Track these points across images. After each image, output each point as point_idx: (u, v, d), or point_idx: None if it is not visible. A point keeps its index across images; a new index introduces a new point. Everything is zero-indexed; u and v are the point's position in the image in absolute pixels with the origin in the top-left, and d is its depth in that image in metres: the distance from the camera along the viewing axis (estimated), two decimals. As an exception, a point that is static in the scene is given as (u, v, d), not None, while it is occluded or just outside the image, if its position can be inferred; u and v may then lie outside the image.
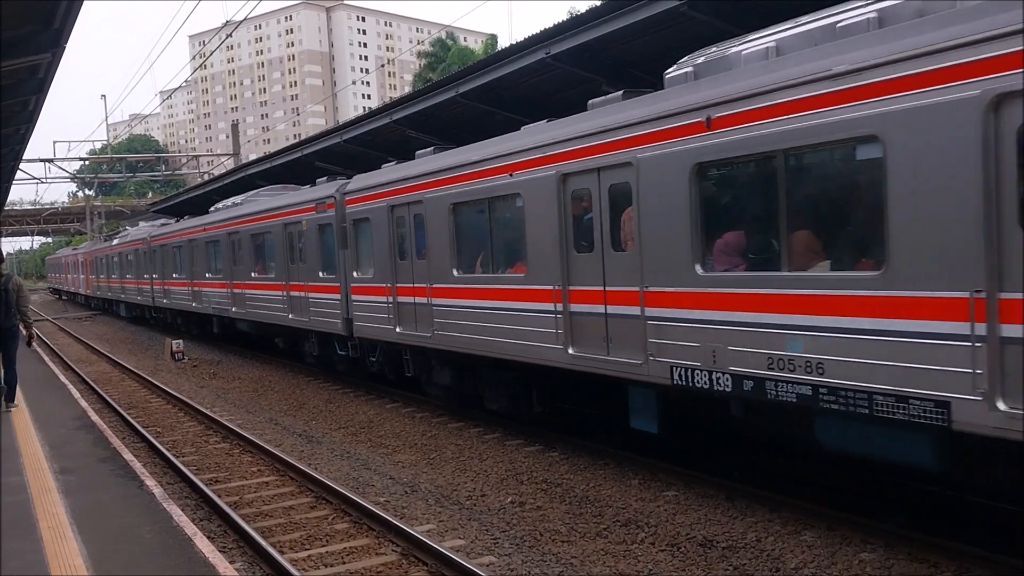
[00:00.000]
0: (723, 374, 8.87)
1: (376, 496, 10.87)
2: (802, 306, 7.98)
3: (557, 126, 11.41)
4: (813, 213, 8.29)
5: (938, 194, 6.80)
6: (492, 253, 13.03)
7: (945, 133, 6.72)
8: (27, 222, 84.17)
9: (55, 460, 11.85)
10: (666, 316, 9.56)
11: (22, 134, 22.19)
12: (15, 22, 12.11)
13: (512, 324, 12.24)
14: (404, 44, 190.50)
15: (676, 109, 9.22)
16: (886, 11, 7.70)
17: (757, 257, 8.71)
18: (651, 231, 9.65)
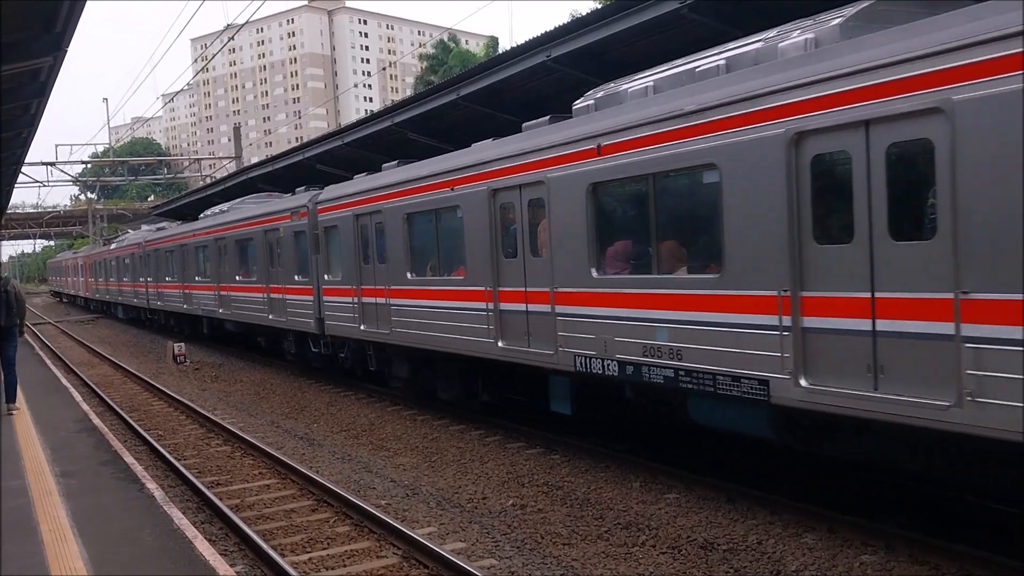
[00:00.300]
0: (612, 361, 10.59)
1: (377, 499, 10.87)
2: (666, 303, 9.74)
3: (489, 147, 13.12)
4: (676, 227, 10.13)
5: (757, 213, 8.44)
6: (439, 258, 14.62)
7: (761, 163, 8.34)
8: (29, 225, 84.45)
9: (56, 463, 11.86)
10: (570, 313, 11.27)
11: (24, 137, 22.21)
12: (16, 25, 12.13)
13: (455, 321, 13.82)
14: (406, 47, 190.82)
15: (576, 137, 10.97)
16: (732, 59, 9.39)
17: (637, 262, 10.51)
18: (559, 240, 11.38)
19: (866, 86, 7.30)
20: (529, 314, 12.04)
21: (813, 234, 7.98)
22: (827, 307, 7.88)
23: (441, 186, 13.93)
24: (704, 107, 8.92)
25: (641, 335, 10.05)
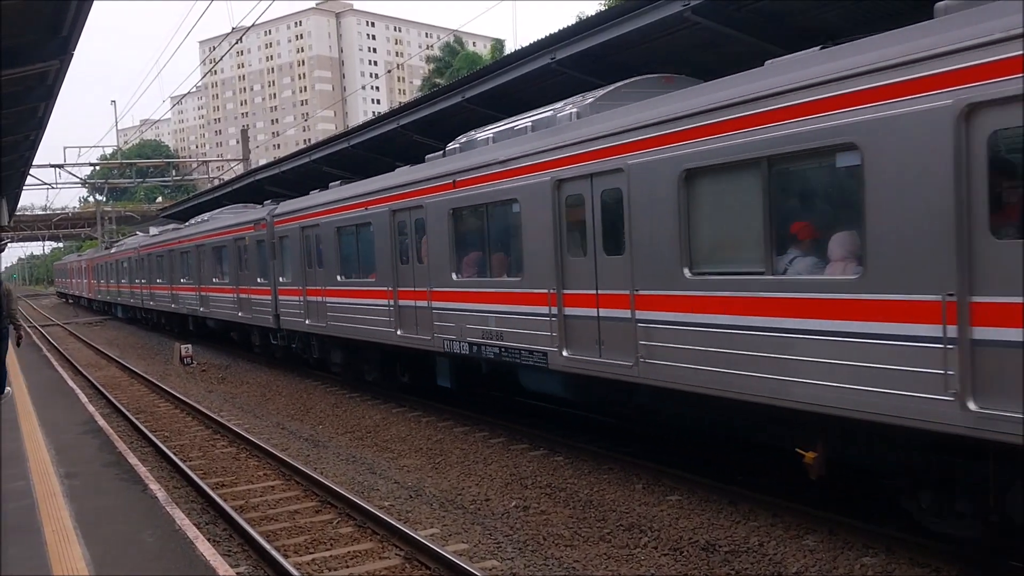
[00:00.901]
0: (464, 343, 13.59)
1: (381, 500, 10.90)
2: (494, 299, 12.88)
3: (391, 177, 16.18)
4: (501, 243, 12.99)
5: (537, 231, 11.71)
6: (359, 263, 17.46)
7: (540, 200, 11.59)
8: (38, 227, 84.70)
9: (61, 464, 11.92)
10: (439, 307, 14.26)
11: (32, 140, 22.34)
12: (23, 29, 12.22)
13: (369, 315, 16.81)
14: (413, 49, 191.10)
15: (440, 173, 14.07)
16: (536, 120, 12.53)
17: (480, 268, 13.49)
18: (433, 250, 14.33)
19: (594, 150, 10.62)
20: (416, 308, 15.01)
21: (565, 249, 11.35)
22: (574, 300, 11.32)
23: (359, 206, 17.07)
24: (508, 157, 12.29)
25: (480, 323, 13.22)
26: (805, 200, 8.63)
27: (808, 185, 8.59)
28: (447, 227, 13.84)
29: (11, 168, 26.59)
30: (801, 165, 8.24)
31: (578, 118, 11.52)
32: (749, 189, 8.57)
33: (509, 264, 12.80)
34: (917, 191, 6.95)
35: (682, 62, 13.18)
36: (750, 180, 8.55)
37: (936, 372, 6.90)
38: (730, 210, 8.96)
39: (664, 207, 9.52)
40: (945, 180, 6.71)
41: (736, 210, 8.86)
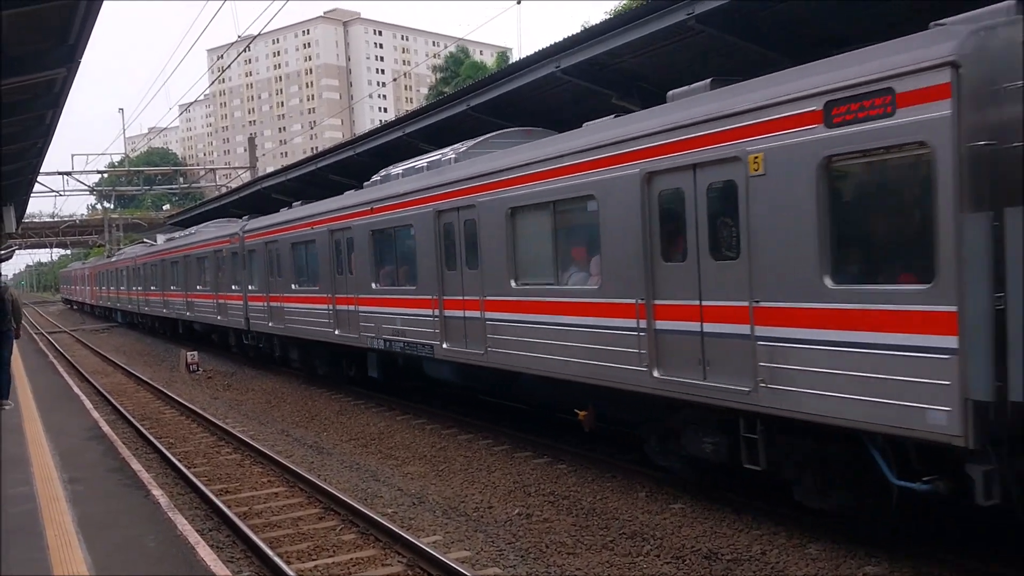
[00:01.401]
0: (381, 340, 16.55)
1: (384, 507, 10.90)
2: (400, 304, 15.80)
3: (330, 202, 19.39)
4: (404, 259, 15.94)
5: (427, 249, 14.62)
6: (307, 274, 20.70)
7: (427, 226, 14.51)
8: (45, 234, 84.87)
9: (64, 469, 11.94)
10: (363, 311, 17.35)
11: (39, 147, 22.40)
12: (30, 37, 12.27)
13: (315, 318, 20.01)
14: (420, 57, 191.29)
15: (363, 200, 17.18)
16: (431, 161, 15.50)
17: (391, 279, 16.48)
18: (359, 264, 17.41)
19: (457, 190, 13.67)
20: (348, 312, 18.10)
21: (467, 263, 13.64)
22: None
23: (307, 225, 20.16)
24: (405, 191, 15.33)
25: (391, 323, 16.09)
26: (575, 233, 11.64)
27: (576, 222, 11.51)
28: (368, 245, 16.99)
29: (19, 175, 26.67)
30: (572, 208, 11.40)
31: (455, 163, 14.56)
32: (545, 223, 11.84)
33: (410, 275, 15.66)
34: (625, 229, 10.16)
35: (688, 70, 13.19)
36: (546, 217, 11.80)
37: (637, 351, 10.12)
38: (536, 238, 12.16)
39: (501, 233, 12.61)
40: (637, 222, 9.89)
41: (539, 238, 12.06)
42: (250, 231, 24.45)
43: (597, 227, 10.68)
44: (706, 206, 9.07)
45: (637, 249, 10.00)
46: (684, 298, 9.46)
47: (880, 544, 8.48)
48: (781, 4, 11.12)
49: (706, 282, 9.16)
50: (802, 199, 7.92)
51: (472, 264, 13.42)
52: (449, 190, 13.91)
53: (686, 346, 9.44)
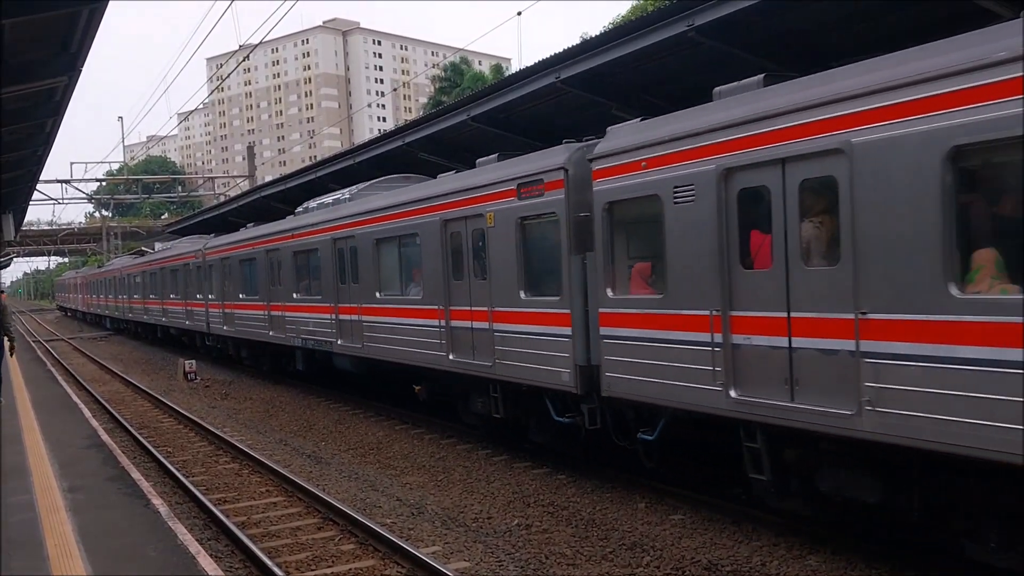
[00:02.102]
0: (300, 338, 21.03)
1: (383, 517, 10.88)
2: (310, 310, 20.22)
3: (267, 227, 23.96)
4: (315, 274, 19.98)
5: (325, 269, 19.17)
6: (250, 286, 24.95)
7: (327, 251, 18.93)
8: (44, 242, 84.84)
9: (64, 479, 11.93)
10: (288, 316, 21.72)
11: (39, 155, 22.43)
12: (31, 45, 12.30)
13: (255, 321, 24.37)
14: (419, 67, 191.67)
15: (288, 227, 21.68)
16: (337, 198, 19.54)
17: (308, 290, 20.68)
18: (284, 278, 22.04)
19: (343, 224, 18.27)
20: (280, 317, 22.32)
21: (340, 279, 18.49)
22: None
23: (250, 246, 24.60)
24: (307, 223, 20.48)
25: (306, 325, 20.51)
26: (412, 259, 15.70)
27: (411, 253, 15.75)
28: (291, 263, 21.46)
29: (18, 183, 26.69)
30: (409, 243, 15.70)
31: (349, 201, 18.71)
32: (395, 250, 16.29)
33: (319, 288, 19.84)
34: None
35: (688, 82, 13.23)
36: (395, 245, 16.29)
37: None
38: (395, 264, 16.35)
39: (371, 260, 17.07)
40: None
41: (395, 264, 16.39)
42: (210, 248, 28.98)
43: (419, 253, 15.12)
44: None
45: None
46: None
47: (880, 556, 8.48)
48: (780, 16, 11.15)
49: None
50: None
51: (355, 279, 17.73)
52: (340, 223, 18.38)
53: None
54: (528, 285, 12.16)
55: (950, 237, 6.82)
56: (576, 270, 11.14)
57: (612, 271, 10.71)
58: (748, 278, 8.67)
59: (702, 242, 9.12)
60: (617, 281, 10.71)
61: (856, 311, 7.51)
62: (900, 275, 7.17)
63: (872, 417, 7.44)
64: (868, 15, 10.89)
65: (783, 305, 8.25)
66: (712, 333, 8.98)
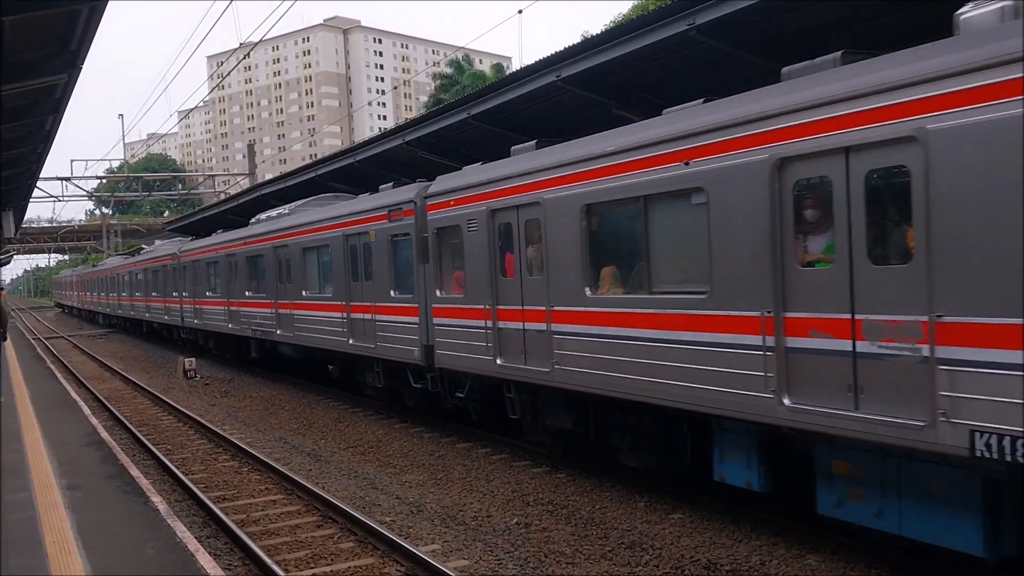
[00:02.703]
0: (250, 329, 24.68)
1: (382, 515, 10.88)
2: (258, 306, 24.12)
3: (229, 233, 27.17)
4: (262, 274, 23.48)
5: (270, 270, 23.08)
6: (215, 285, 29.17)
7: (270, 256, 22.91)
8: (44, 240, 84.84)
9: (63, 476, 11.93)
10: (244, 311, 25.28)
11: (39, 153, 22.41)
12: (32, 43, 12.29)
13: (220, 316, 27.87)
14: (420, 66, 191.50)
15: (240, 236, 25.85)
16: (279, 213, 23.11)
17: (256, 289, 24.33)
18: (239, 279, 25.54)
19: (275, 236, 22.24)
20: (237, 312, 26.02)
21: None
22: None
23: (213, 250, 28.71)
24: (255, 233, 23.85)
25: (254, 318, 24.10)
26: (326, 267, 19.67)
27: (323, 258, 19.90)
28: (245, 266, 24.96)
29: (18, 181, 26.69)
30: (324, 252, 19.64)
31: (287, 216, 22.44)
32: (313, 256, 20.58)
33: (264, 287, 23.44)
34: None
35: (690, 81, 13.21)
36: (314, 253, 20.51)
37: (342, 330, 18.57)
38: (316, 268, 20.41)
39: (299, 265, 21.00)
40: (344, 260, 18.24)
41: (316, 268, 20.44)
42: (184, 251, 33.24)
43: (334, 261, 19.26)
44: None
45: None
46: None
47: (880, 556, 8.48)
48: (781, 17, 11.14)
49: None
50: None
51: (289, 280, 21.63)
52: (278, 235, 22.18)
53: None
54: (395, 286, 16.24)
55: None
56: (422, 276, 15.14)
57: (440, 277, 14.67)
58: (505, 284, 12.62)
59: (483, 258, 13.07)
60: (443, 284, 14.62)
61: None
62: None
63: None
64: (867, 16, 10.89)
65: (520, 300, 12.32)
66: (486, 321, 13.05)
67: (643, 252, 10.09)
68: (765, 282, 8.26)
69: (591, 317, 10.80)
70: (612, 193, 10.38)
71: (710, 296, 9.02)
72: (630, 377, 10.10)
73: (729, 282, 8.75)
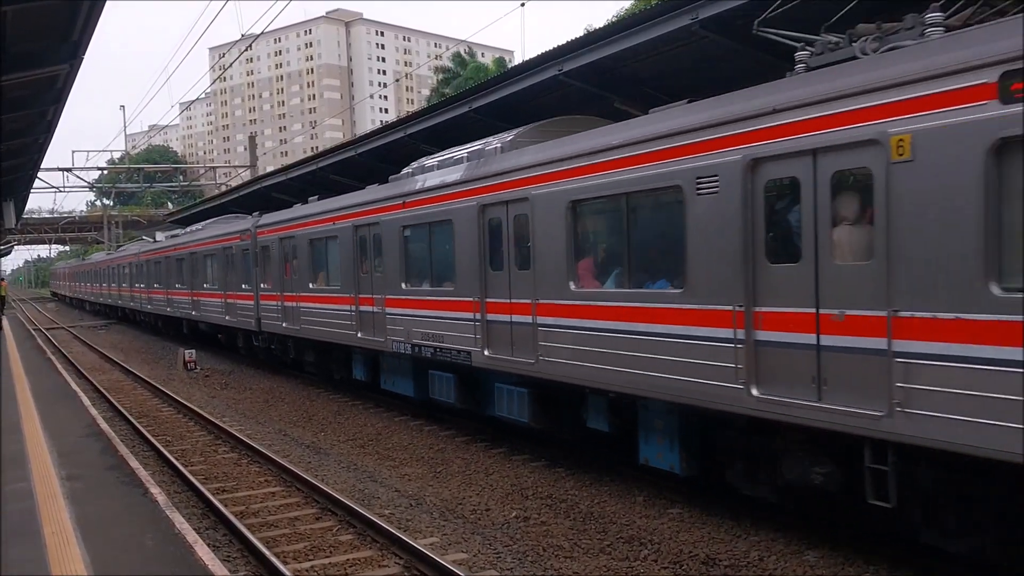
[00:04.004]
0: (202, 318, 30.72)
1: (381, 508, 10.89)
2: (227, 296, 27.38)
3: (205, 230, 31.25)
4: (207, 272, 30.31)
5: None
6: (188, 278, 31.69)
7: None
8: (45, 230, 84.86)
9: (62, 467, 11.93)
10: (209, 302, 29.98)
11: (40, 143, 22.44)
12: (33, 34, 12.28)
13: (179, 304, 33.29)
14: (422, 59, 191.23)
15: (206, 236, 28.74)
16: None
17: (230, 283, 27.08)
18: (195, 275, 31.27)
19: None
20: (196, 302, 30.43)
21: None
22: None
23: (183, 249, 32.47)
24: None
25: (216, 307, 27.45)
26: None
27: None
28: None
29: (19, 171, 26.70)
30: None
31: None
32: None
33: (237, 280, 26.26)
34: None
35: (693, 75, 13.22)
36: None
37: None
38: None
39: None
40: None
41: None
42: (145, 251, 40.23)
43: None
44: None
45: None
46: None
47: (879, 553, 8.48)
48: (784, 13, 11.11)
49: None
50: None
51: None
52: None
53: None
54: (247, 281, 24.36)
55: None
56: (256, 276, 23.51)
57: (266, 275, 22.79)
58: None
59: (279, 265, 21.09)
60: (267, 279, 22.54)
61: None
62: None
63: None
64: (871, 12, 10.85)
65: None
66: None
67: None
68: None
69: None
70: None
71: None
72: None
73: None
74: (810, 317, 7.83)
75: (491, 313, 12.90)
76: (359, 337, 17.50)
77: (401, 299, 15.77)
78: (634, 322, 9.94)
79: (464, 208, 13.49)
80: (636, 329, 9.91)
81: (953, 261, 6.65)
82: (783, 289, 8.09)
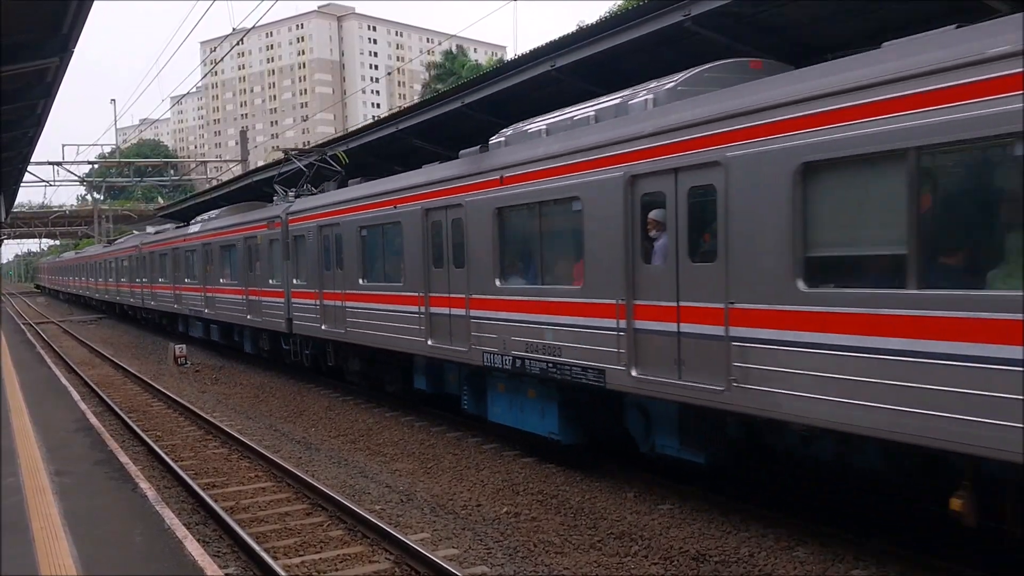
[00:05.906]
0: (186, 309, 31.57)
1: (372, 504, 10.87)
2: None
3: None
4: (178, 266, 32.79)
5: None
6: (175, 273, 31.95)
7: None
8: (35, 224, 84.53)
9: (52, 462, 11.89)
10: (190, 298, 30.63)
11: (30, 137, 22.33)
12: (23, 26, 12.21)
13: (163, 300, 34.44)
14: (414, 54, 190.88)
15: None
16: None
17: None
18: (154, 271, 36.18)
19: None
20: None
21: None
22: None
23: (163, 245, 34.14)
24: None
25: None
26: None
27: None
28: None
29: (9, 164, 26.59)
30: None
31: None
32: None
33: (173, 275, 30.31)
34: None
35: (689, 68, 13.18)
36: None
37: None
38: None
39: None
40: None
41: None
42: (147, 243, 37.70)
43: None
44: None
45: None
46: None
47: (868, 549, 8.50)
48: (777, 7, 11.12)
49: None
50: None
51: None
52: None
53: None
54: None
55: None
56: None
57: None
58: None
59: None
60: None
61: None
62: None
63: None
64: (862, 10, 10.88)
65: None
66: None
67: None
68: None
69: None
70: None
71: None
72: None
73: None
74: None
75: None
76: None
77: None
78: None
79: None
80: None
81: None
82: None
